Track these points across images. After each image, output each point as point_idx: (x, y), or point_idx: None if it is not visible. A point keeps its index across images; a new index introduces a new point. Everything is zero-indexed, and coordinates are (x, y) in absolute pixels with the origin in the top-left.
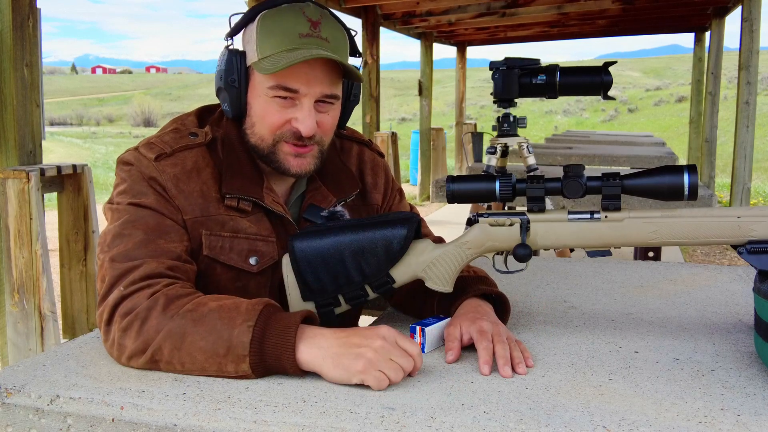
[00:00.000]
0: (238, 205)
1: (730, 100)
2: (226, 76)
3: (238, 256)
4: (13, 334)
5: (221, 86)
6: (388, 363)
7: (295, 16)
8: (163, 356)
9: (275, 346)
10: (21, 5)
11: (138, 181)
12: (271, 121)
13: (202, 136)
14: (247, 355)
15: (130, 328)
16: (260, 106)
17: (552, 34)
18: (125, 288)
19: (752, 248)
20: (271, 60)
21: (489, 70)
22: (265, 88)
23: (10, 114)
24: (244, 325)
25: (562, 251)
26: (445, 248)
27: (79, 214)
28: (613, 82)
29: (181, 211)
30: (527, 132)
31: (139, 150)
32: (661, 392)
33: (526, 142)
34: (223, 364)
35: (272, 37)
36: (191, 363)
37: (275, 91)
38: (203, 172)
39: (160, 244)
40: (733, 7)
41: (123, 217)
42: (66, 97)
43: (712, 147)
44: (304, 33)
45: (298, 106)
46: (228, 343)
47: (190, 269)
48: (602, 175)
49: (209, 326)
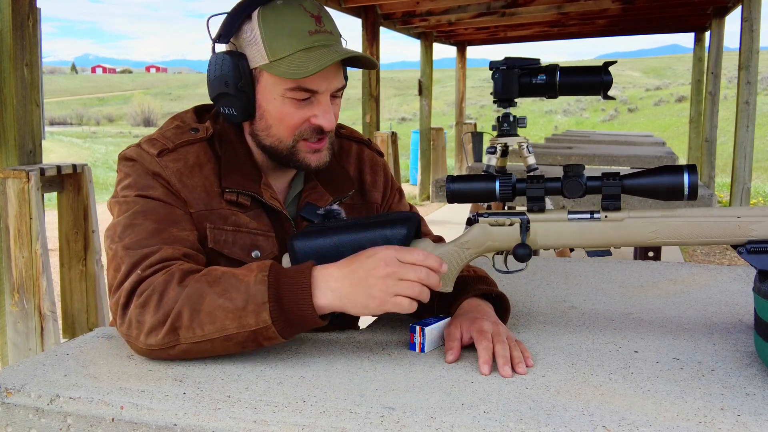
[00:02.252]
0: (237, 200)
1: (730, 100)
2: (234, 81)
3: (241, 250)
4: (13, 334)
5: (226, 92)
6: (400, 285)
7: (297, 13)
8: (182, 322)
9: (291, 291)
10: (21, 5)
11: (143, 176)
12: (290, 122)
13: (203, 131)
14: (266, 302)
15: (148, 303)
16: (276, 108)
17: (552, 34)
18: (143, 271)
19: (752, 248)
20: (289, 62)
21: (489, 69)
22: (281, 89)
23: (10, 114)
24: (259, 275)
25: (562, 251)
26: (445, 248)
27: (79, 214)
28: (613, 81)
29: (187, 204)
30: (527, 132)
31: (141, 146)
32: (661, 392)
33: (526, 142)
34: (243, 317)
35: (282, 38)
36: (211, 323)
37: (294, 93)
38: (205, 167)
39: (173, 232)
40: (733, 7)
41: (132, 208)
42: (66, 97)
43: (712, 147)
44: (312, 30)
45: (314, 103)
46: (246, 294)
47: (201, 259)
48: (602, 175)
49: (225, 285)
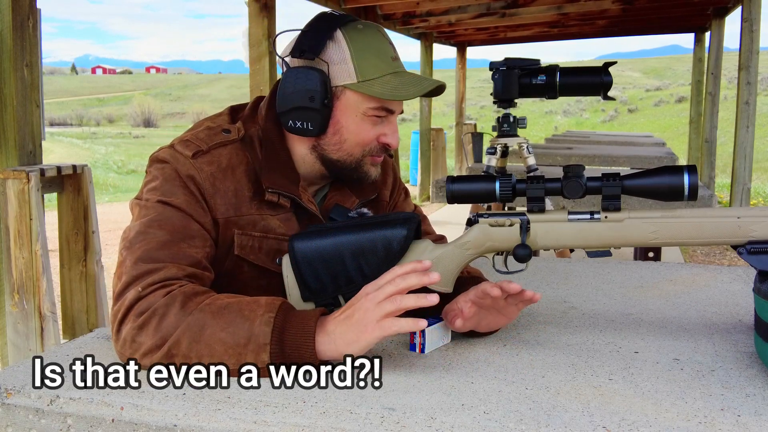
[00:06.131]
0: (278, 201)
1: (730, 100)
2: (321, 97)
3: (266, 256)
4: (13, 335)
5: (308, 106)
6: (381, 307)
7: (379, 38)
8: (180, 350)
9: (295, 336)
10: (21, 5)
11: (170, 180)
12: (364, 138)
13: (235, 132)
14: (268, 344)
15: (147, 325)
16: (355, 124)
17: (552, 35)
18: (143, 289)
19: (752, 248)
20: (382, 83)
21: (489, 70)
22: (365, 107)
23: (10, 114)
24: (266, 316)
25: (562, 251)
26: (445, 249)
27: (79, 215)
28: (613, 82)
29: (215, 210)
30: (527, 132)
31: (175, 147)
32: (661, 392)
33: (526, 143)
34: (242, 354)
35: (370, 59)
36: (209, 356)
37: (377, 112)
38: (237, 169)
39: (182, 247)
40: (733, 7)
41: (150, 214)
42: (66, 98)
43: (712, 147)
44: (393, 56)
45: (386, 122)
46: (249, 333)
47: (207, 277)
48: (602, 176)
49: (229, 318)
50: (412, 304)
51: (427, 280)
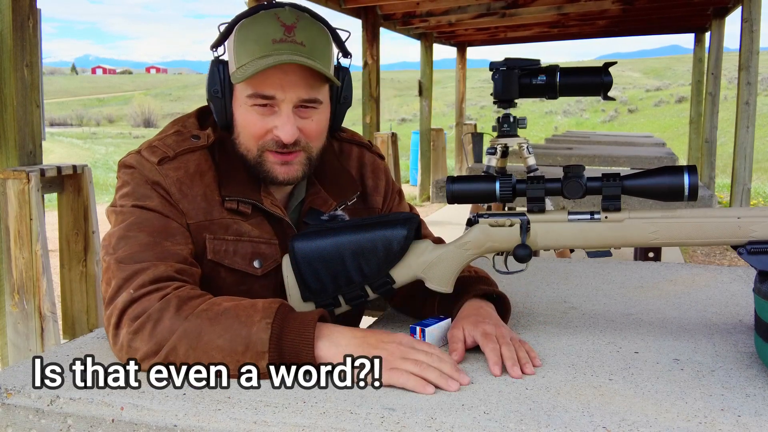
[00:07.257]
0: (237, 208)
1: (730, 100)
2: (210, 87)
3: (242, 260)
4: (13, 335)
5: (210, 99)
6: (405, 362)
7: (268, 22)
8: (177, 356)
9: (294, 342)
10: (21, 6)
11: (141, 185)
12: (252, 131)
13: (204, 138)
14: (266, 352)
15: (142, 330)
16: (242, 116)
17: (552, 35)
18: (135, 291)
19: (752, 249)
20: (245, 69)
21: (489, 70)
22: (244, 97)
23: (10, 114)
24: (263, 322)
25: (562, 252)
26: (445, 249)
27: (79, 215)
28: (613, 82)
29: (185, 215)
30: (527, 132)
31: (141, 153)
32: (661, 393)
33: (526, 143)
34: (241, 362)
35: (246, 45)
36: (207, 360)
37: (253, 99)
38: (206, 175)
39: (166, 246)
40: (733, 7)
41: (128, 219)
42: (66, 98)
43: (712, 147)
44: (277, 38)
45: (277, 114)
46: (246, 340)
47: (195, 272)
48: (602, 176)
49: (226, 324)
50: (433, 379)
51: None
